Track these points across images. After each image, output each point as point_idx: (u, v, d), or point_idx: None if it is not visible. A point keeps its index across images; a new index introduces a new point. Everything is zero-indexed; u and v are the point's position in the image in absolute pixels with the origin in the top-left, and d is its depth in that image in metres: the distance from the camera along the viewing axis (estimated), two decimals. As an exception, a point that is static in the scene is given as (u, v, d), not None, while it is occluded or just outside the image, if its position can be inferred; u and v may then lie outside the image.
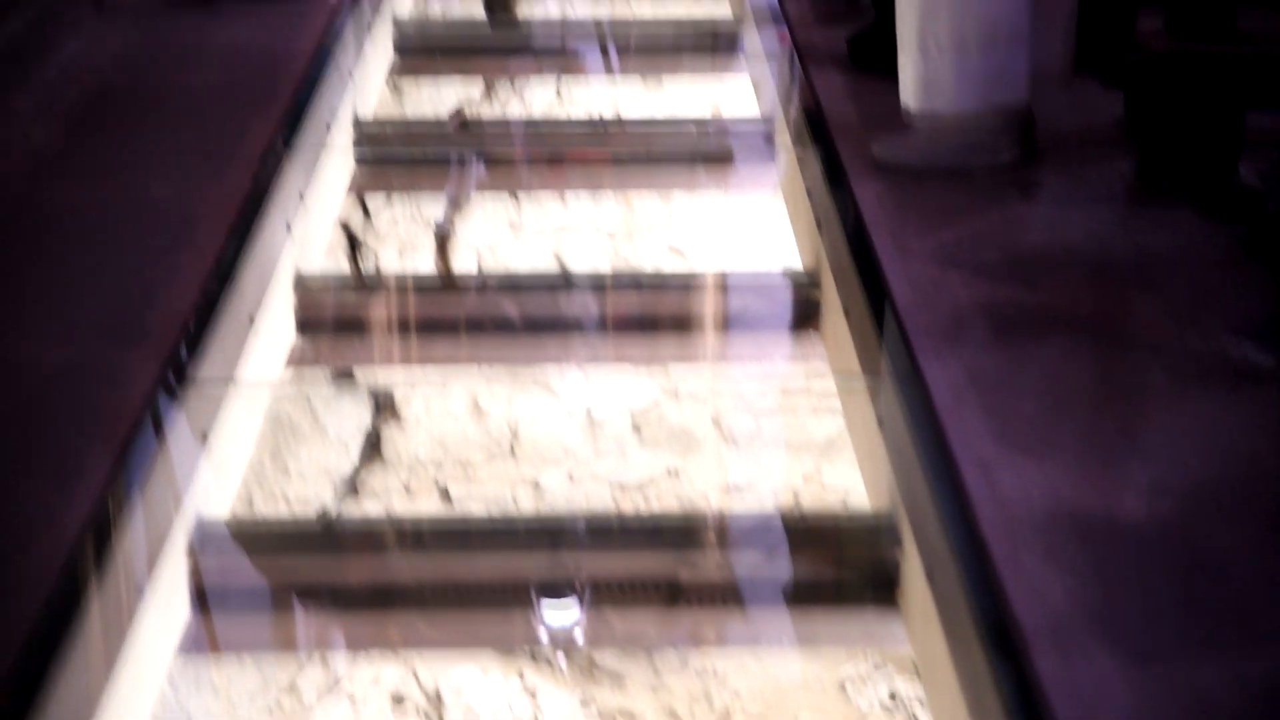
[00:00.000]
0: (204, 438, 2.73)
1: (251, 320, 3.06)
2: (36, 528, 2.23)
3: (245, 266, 3.06)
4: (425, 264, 5.51)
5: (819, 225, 3.54)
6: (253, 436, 3.19)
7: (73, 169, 3.41)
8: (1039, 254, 3.03)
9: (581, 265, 5.15)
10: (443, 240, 5.48)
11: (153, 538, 2.45)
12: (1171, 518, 2.24)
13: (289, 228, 3.41)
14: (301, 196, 3.58)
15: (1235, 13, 3.22)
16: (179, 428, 2.62)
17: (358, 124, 4.28)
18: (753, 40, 4.94)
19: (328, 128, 3.96)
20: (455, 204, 5.12)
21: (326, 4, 4.49)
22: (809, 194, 3.71)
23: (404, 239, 5.46)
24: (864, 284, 3.06)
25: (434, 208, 5.43)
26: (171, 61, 4.07)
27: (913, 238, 3.12)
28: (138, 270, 2.95)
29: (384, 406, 4.82)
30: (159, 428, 2.54)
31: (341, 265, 5.03)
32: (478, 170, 4.63)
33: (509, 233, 5.62)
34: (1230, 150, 3.15)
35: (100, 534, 2.26)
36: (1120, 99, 3.60)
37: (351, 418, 5.23)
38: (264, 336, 3.15)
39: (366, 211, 5.47)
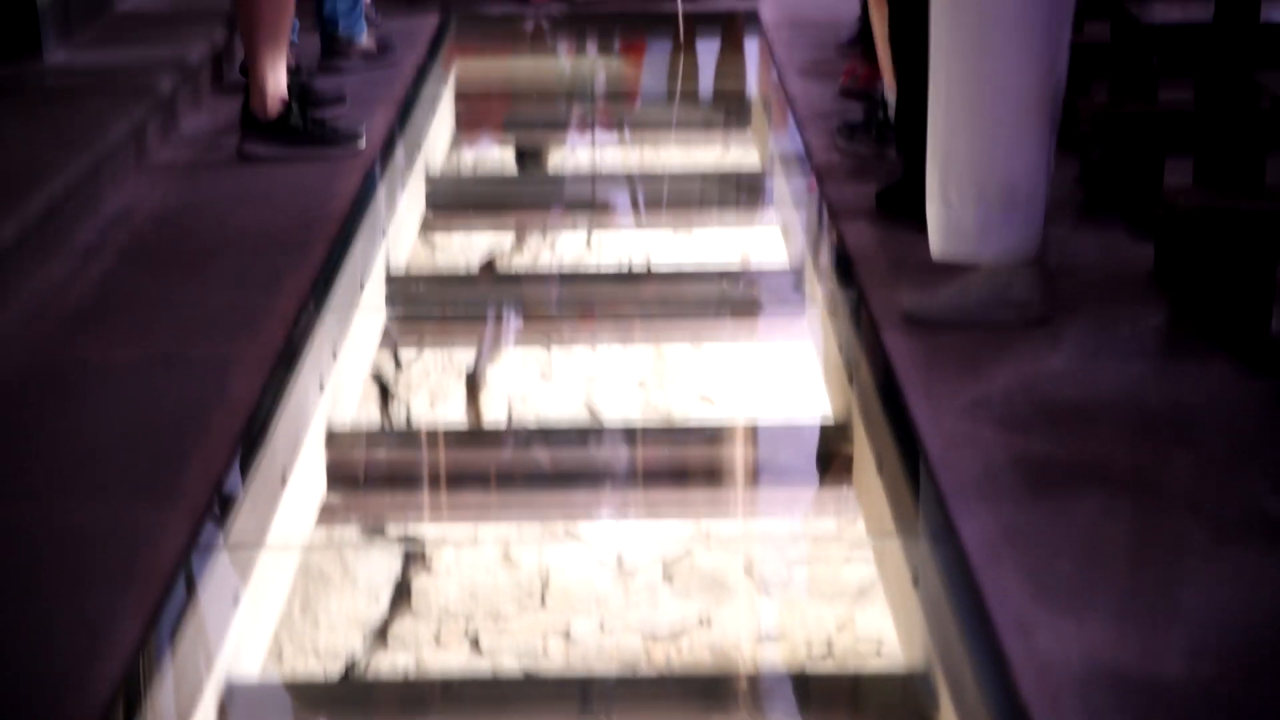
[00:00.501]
0: (235, 598, 2.72)
1: (284, 477, 3.06)
2: (67, 690, 2.22)
3: (278, 423, 3.06)
4: (457, 413, 5.52)
5: (850, 376, 3.54)
6: (283, 594, 3.17)
7: (107, 327, 3.43)
8: (1073, 407, 3.02)
9: (612, 413, 5.16)
10: (474, 389, 5.49)
11: (183, 699, 2.43)
12: (1215, 679, 2.20)
13: (322, 384, 3.43)
14: (334, 351, 3.60)
15: (1264, 165, 3.24)
16: (210, 588, 2.61)
17: (390, 277, 4.31)
18: (781, 188, 4.98)
19: (361, 282, 3.99)
20: (486, 353, 5.14)
21: (360, 160, 4.55)
22: (839, 344, 3.72)
23: (435, 388, 5.48)
24: (896, 436, 3.05)
25: (465, 357, 5.45)
26: (208, 218, 4.12)
27: (944, 390, 3.11)
28: (171, 429, 2.96)
29: (414, 557, 4.80)
30: (191, 588, 2.53)
31: (374, 415, 5.05)
32: (509, 319, 4.66)
33: (540, 381, 5.63)
34: (1263, 302, 3.15)
35: (131, 696, 2.25)
36: (1150, 248, 3.61)
37: (382, 568, 5.21)
38: (296, 492, 3.15)
39: (398, 362, 5.49)
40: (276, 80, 4.51)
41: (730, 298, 4.41)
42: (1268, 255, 3.13)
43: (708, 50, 6.57)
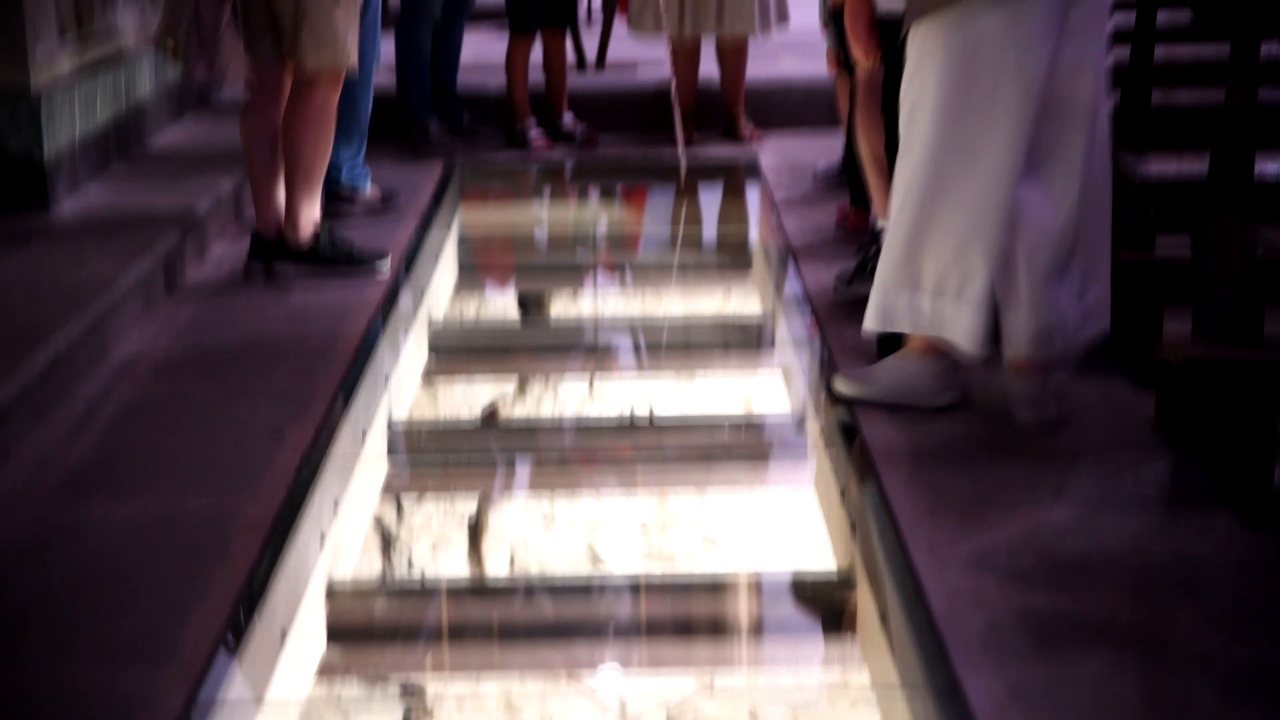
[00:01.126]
0: (233, 759, 2.69)
1: (283, 635, 3.04)
2: None
3: (278, 580, 3.05)
4: (459, 560, 5.49)
5: (852, 526, 3.53)
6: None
7: (108, 483, 3.42)
8: (1077, 560, 3.00)
9: (615, 557, 5.12)
10: (476, 536, 5.47)
11: None
12: (1226, 844, 2.17)
13: (322, 538, 3.41)
14: (335, 504, 3.59)
15: (1262, 317, 3.25)
16: (208, 749, 2.58)
17: (393, 426, 4.32)
18: (783, 333, 5.00)
19: (363, 432, 3.99)
20: (489, 501, 5.12)
21: (363, 309, 4.58)
22: (841, 492, 3.71)
23: (437, 535, 5.44)
24: (899, 589, 3.03)
25: (468, 504, 5.43)
26: (211, 370, 4.13)
27: (947, 541, 3.10)
28: (170, 587, 2.95)
29: (415, 709, 4.74)
30: (188, 750, 2.51)
31: (375, 563, 5.02)
32: (511, 467, 4.66)
33: (542, 527, 5.60)
34: (1265, 456, 3.14)
35: None
36: (1151, 396, 3.61)
37: (382, 719, 5.13)
38: (296, 649, 3.13)
39: (400, 509, 5.47)
40: (310, 212, 4.86)
41: (733, 444, 4.41)
42: (1268, 408, 3.13)
43: (709, 196, 6.63)
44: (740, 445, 4.42)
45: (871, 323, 3.76)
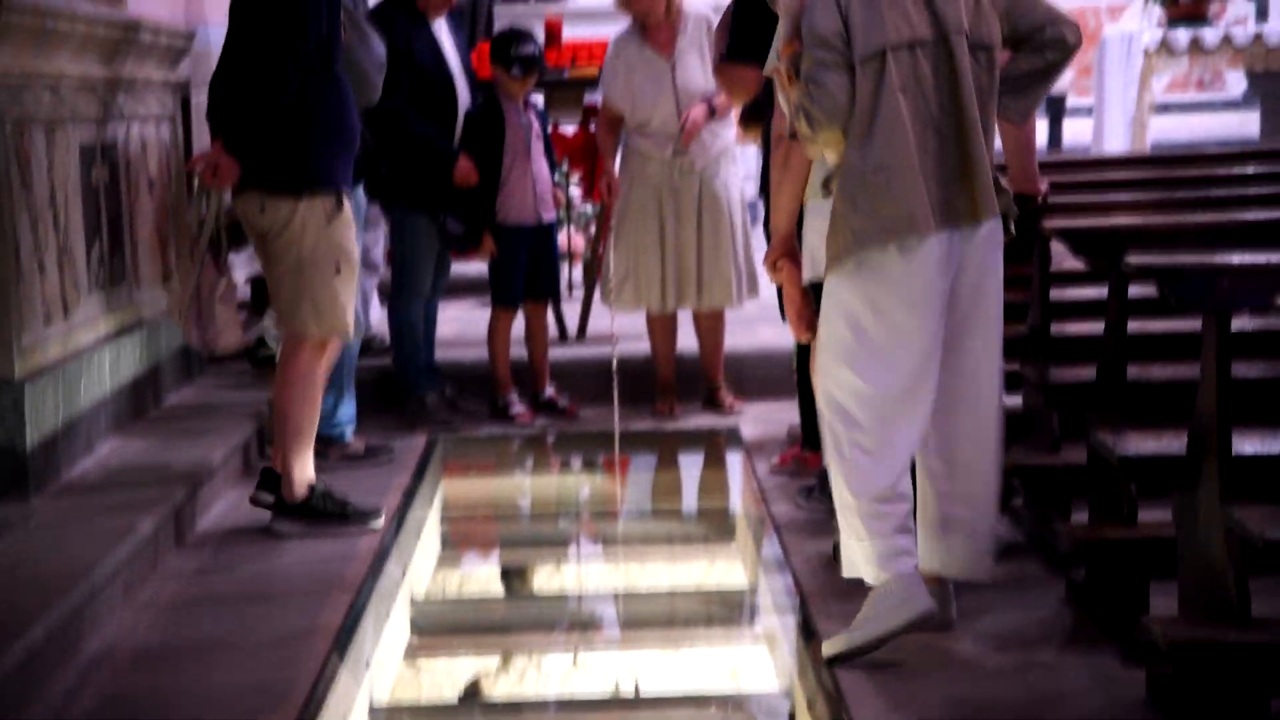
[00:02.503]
0: None
1: None
2: None
3: None
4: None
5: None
6: None
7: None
8: None
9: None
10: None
11: None
12: None
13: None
14: (315, 799, 3.51)
15: (1248, 593, 3.24)
16: None
17: (374, 710, 4.25)
18: (766, 604, 4.97)
19: (344, 720, 3.93)
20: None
21: (344, 590, 4.56)
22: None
23: (420, 821, 5.30)
24: None
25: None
26: (188, 661, 4.08)
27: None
28: None
29: None
30: None
31: None
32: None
33: (529, 804, 5.46)
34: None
35: None
36: (1141, 673, 3.58)
37: None
38: None
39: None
40: (303, 468, 5.01)
41: (719, 723, 4.35)
42: (1261, 688, 3.10)
43: (691, 467, 6.65)
44: (727, 722, 4.36)
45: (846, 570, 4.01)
